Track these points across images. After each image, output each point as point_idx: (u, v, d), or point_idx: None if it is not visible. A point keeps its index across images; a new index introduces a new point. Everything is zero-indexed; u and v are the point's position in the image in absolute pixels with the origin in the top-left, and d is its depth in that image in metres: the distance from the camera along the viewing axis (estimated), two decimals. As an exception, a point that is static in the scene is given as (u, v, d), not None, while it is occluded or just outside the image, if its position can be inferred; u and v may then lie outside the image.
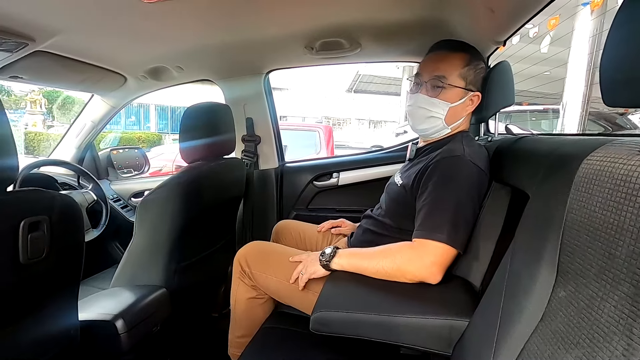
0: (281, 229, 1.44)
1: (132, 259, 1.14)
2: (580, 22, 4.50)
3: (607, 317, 0.40)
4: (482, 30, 1.09)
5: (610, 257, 0.41)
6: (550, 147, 0.68)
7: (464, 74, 0.98)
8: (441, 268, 0.84)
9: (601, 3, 3.97)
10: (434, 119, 1.00)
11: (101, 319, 0.91)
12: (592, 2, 4.16)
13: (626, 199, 0.40)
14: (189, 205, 1.13)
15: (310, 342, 0.95)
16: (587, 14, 4.39)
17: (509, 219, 0.83)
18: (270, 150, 1.74)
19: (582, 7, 4.31)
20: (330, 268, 0.94)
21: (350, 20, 1.14)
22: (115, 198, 1.88)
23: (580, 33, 4.55)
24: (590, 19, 4.37)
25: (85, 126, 1.80)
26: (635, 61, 0.41)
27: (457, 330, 0.72)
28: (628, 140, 0.48)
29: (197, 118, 1.21)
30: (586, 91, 4.40)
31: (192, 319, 1.43)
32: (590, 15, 4.38)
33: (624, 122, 4.92)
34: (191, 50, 1.36)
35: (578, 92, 4.52)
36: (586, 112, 4.43)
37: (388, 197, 1.09)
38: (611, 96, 0.44)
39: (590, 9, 4.27)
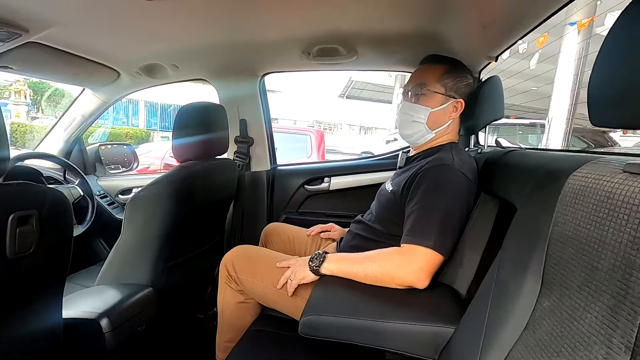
0: (270, 231, 1.44)
1: (119, 257, 1.12)
2: (567, 41, 4.65)
3: (588, 327, 0.42)
4: (474, 45, 1.12)
5: (593, 270, 0.43)
6: (538, 162, 0.71)
7: (443, 81, 1.04)
8: (428, 274, 0.86)
9: (587, 24, 4.12)
10: (416, 123, 1.06)
11: (86, 317, 0.90)
12: (579, 22, 4.31)
13: (609, 215, 0.42)
14: (180, 204, 1.12)
15: (296, 345, 0.95)
16: (574, 34, 4.54)
17: (496, 230, 0.86)
18: (263, 152, 1.74)
19: (570, 26, 4.46)
20: (320, 273, 0.95)
21: (349, 27, 1.16)
22: (102, 194, 1.85)
23: (567, 52, 4.71)
24: (577, 40, 4.53)
25: (75, 120, 1.76)
26: (623, 83, 0.42)
27: (442, 336, 0.73)
28: (612, 159, 0.50)
29: (191, 117, 1.20)
30: (571, 108, 4.54)
31: (177, 319, 1.41)
32: (577, 35, 4.53)
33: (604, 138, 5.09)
34: (188, 49, 1.36)
35: (563, 108, 4.66)
36: (571, 128, 4.57)
37: (378, 204, 1.10)
38: (598, 116, 0.46)
39: (577, 29, 4.42)
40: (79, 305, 0.96)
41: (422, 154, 1.08)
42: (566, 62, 4.72)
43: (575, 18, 4.30)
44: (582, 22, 4.13)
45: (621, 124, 0.43)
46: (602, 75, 0.45)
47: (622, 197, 0.41)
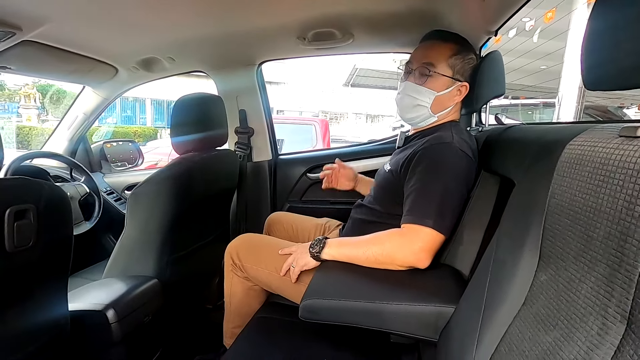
0: (274, 221, 1.44)
1: (123, 251, 1.14)
2: (576, 15, 4.50)
3: (584, 298, 0.41)
4: (473, 20, 1.08)
5: (588, 240, 0.42)
6: (536, 135, 0.69)
7: (452, 63, 0.99)
8: (429, 254, 0.85)
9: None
10: (420, 107, 1.01)
11: (92, 309, 0.92)
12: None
13: (604, 182, 0.40)
14: (181, 197, 1.12)
15: (301, 331, 0.96)
16: (583, 8, 4.38)
17: (498, 208, 0.84)
18: (264, 142, 1.74)
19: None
20: (321, 259, 0.95)
21: (343, 10, 1.13)
22: (108, 191, 1.87)
23: (576, 26, 4.55)
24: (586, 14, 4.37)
25: (77, 118, 1.78)
26: (614, 46, 0.41)
27: (444, 316, 0.73)
28: (609, 126, 0.48)
29: (188, 109, 1.20)
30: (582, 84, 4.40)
31: (185, 310, 1.44)
32: (586, 9, 4.37)
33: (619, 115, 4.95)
34: (182, 41, 1.35)
35: (574, 85, 4.53)
36: (582, 105, 4.44)
37: (377, 184, 1.09)
38: (592, 80, 0.44)
39: (587, 2, 4.26)
40: (85, 297, 0.98)
41: (421, 133, 1.06)
42: (576, 38, 4.58)
43: (583, -10, 4.15)
44: (592, -6, 3.98)
45: (614, 86, 0.41)
46: (594, 40, 0.44)
47: (617, 162, 0.39)
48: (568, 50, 4.65)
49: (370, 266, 0.89)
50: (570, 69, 4.57)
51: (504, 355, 0.51)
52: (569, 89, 4.55)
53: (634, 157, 0.37)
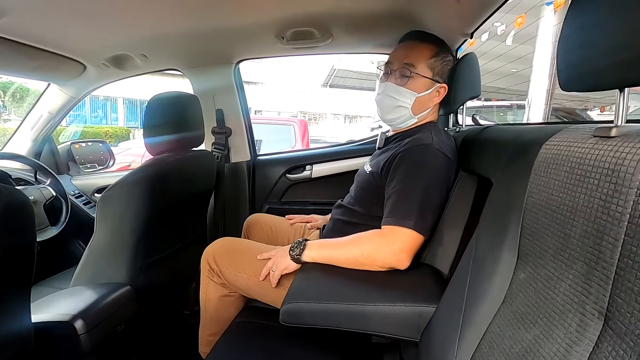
0: (252, 223, 1.41)
1: (93, 257, 1.08)
2: (544, 21, 4.70)
3: (563, 295, 0.41)
4: (449, 22, 1.10)
5: (566, 238, 0.43)
6: (512, 135, 0.70)
7: (432, 65, 1.00)
8: (409, 254, 0.86)
9: (563, 3, 4.15)
10: (401, 108, 1.02)
11: (58, 320, 0.86)
12: (555, 1, 4.34)
13: (580, 180, 0.41)
14: (155, 199, 1.08)
15: (282, 335, 0.94)
16: (550, 14, 4.58)
17: (476, 207, 0.85)
18: (242, 142, 1.70)
19: (546, 6, 4.49)
20: (301, 261, 0.93)
21: (322, 9, 1.13)
22: (76, 194, 1.78)
23: (544, 32, 4.76)
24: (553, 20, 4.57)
25: (42, 117, 1.68)
26: (588, 49, 0.42)
27: (425, 316, 0.73)
28: (583, 126, 0.50)
29: (162, 108, 1.15)
30: (550, 86, 4.61)
31: (161, 316, 1.38)
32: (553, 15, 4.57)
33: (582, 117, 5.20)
34: (156, 37, 1.30)
35: (542, 87, 4.73)
36: (550, 107, 4.64)
37: (357, 185, 1.09)
38: (567, 82, 0.45)
39: (554, 9, 4.45)
40: (51, 307, 0.92)
41: (401, 134, 1.06)
42: (544, 43, 4.78)
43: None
44: (558, 1, 4.16)
45: (588, 87, 0.42)
46: (568, 42, 0.45)
47: (592, 161, 0.40)
48: (537, 55, 4.86)
49: (351, 267, 0.89)
50: (539, 72, 4.77)
51: (485, 353, 0.52)
52: (537, 91, 4.75)
53: (608, 156, 0.38)
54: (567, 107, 5.50)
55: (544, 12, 4.66)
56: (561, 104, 5.05)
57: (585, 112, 5.55)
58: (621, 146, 0.37)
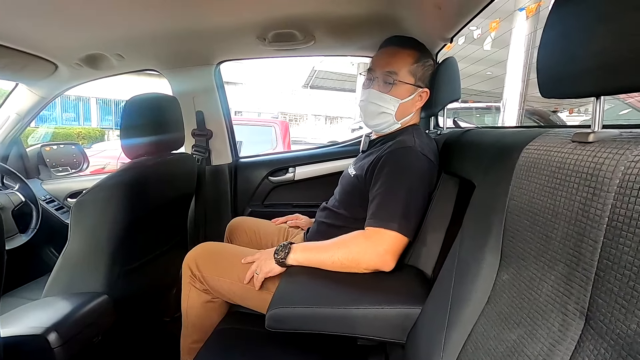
0: (235, 226, 1.39)
1: (67, 265, 1.03)
2: (517, 26, 4.87)
3: (545, 296, 0.43)
4: (430, 27, 1.12)
5: (547, 240, 0.44)
6: (493, 138, 0.72)
7: (414, 71, 1.01)
8: (394, 256, 0.86)
9: (535, 9, 4.32)
10: (385, 114, 1.03)
11: (30, 334, 0.81)
12: (527, 8, 4.51)
13: (561, 184, 0.43)
14: (133, 204, 1.04)
15: (266, 340, 0.93)
16: (523, 19, 4.75)
17: (458, 209, 0.87)
18: (223, 145, 1.67)
19: (519, 12, 4.66)
20: (286, 264, 0.93)
21: (304, 12, 1.12)
22: (48, 199, 1.70)
23: (517, 37, 4.93)
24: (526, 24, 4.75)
25: (9, 119, 1.59)
26: (567, 56, 0.43)
27: (410, 318, 0.74)
28: (561, 131, 0.51)
29: (140, 110, 1.12)
30: (523, 90, 4.78)
31: (140, 325, 1.34)
32: (525, 20, 4.75)
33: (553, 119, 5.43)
34: (133, 37, 1.25)
35: (516, 91, 4.90)
36: (523, 109, 4.82)
37: (342, 189, 1.09)
38: (547, 88, 0.46)
39: (526, 15, 4.62)
40: (23, 320, 0.87)
41: (384, 138, 1.07)
42: (517, 47, 4.95)
43: (524, 2, 4.50)
44: (530, 7, 4.32)
45: (566, 94, 0.44)
46: (548, 49, 0.47)
47: (572, 166, 0.41)
48: (510, 59, 5.03)
49: (335, 270, 0.89)
50: (513, 76, 4.95)
51: (470, 353, 0.52)
52: (512, 94, 4.92)
53: (587, 161, 0.39)
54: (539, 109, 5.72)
55: (517, 17, 4.83)
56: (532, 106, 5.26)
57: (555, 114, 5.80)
58: (599, 151, 0.38)
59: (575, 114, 7.61)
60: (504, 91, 5.05)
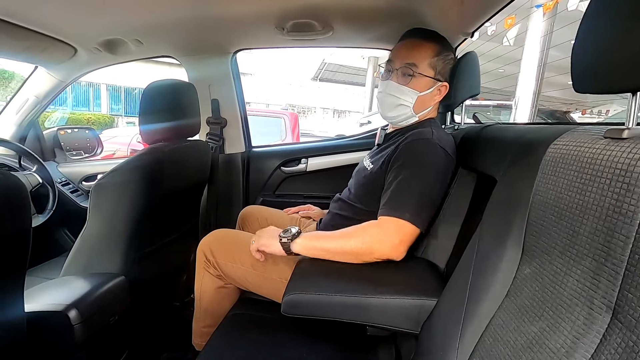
0: (247, 215, 1.40)
1: (85, 246, 1.06)
2: (533, 23, 4.79)
3: (570, 290, 0.43)
4: (451, 21, 1.11)
5: (574, 235, 0.44)
6: (516, 134, 0.72)
7: (434, 64, 1.00)
8: (406, 246, 0.86)
9: (552, 6, 4.24)
10: (402, 107, 1.02)
11: (52, 310, 0.84)
12: (544, 5, 4.43)
13: (591, 180, 0.42)
14: (150, 189, 1.06)
15: (278, 326, 0.94)
16: (539, 17, 4.67)
17: (474, 204, 0.87)
18: (237, 134, 1.68)
19: (536, 9, 4.57)
20: (290, 249, 0.90)
21: (323, 2, 1.11)
22: (63, 181, 1.73)
23: (532, 34, 4.85)
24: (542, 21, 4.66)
25: (28, 101, 1.62)
26: (602, 51, 0.43)
27: (425, 309, 0.74)
28: (591, 128, 0.51)
29: (158, 96, 1.13)
30: (536, 89, 4.71)
31: (153, 308, 1.37)
32: (542, 17, 4.66)
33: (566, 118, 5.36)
34: (152, 23, 1.26)
35: (529, 89, 4.83)
36: (536, 109, 4.76)
37: (357, 182, 1.09)
38: (581, 83, 0.46)
39: (543, 12, 4.54)
40: (44, 297, 0.89)
41: (400, 131, 1.07)
42: (532, 45, 4.87)
43: (540, 0, 4.41)
44: (548, 4, 4.24)
45: (601, 89, 0.44)
46: (584, 44, 0.46)
47: (604, 162, 0.41)
48: (525, 57, 4.96)
49: (343, 259, 0.88)
50: (527, 74, 4.88)
51: (488, 345, 0.53)
52: (524, 93, 4.85)
53: (621, 157, 0.39)
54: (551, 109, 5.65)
55: (533, 14, 4.75)
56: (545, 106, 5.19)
57: (568, 114, 5.72)
58: (634, 148, 0.38)
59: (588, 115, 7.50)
60: (517, 89, 4.98)
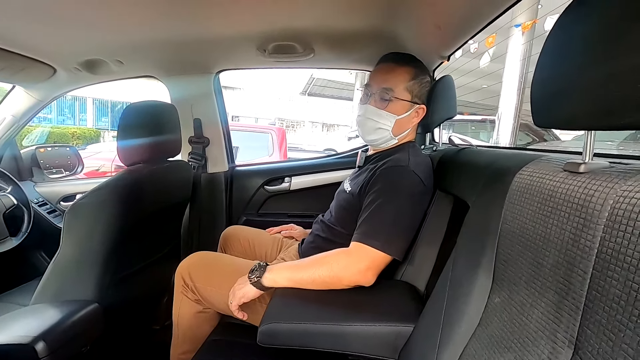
0: (229, 235, 1.38)
1: (58, 271, 1.02)
2: (513, 42, 4.96)
3: (536, 322, 0.43)
4: (428, 45, 1.14)
5: (539, 267, 0.45)
6: (488, 159, 0.73)
7: (410, 87, 1.01)
8: (375, 272, 0.86)
9: (530, 26, 4.40)
10: (381, 130, 1.03)
11: (18, 342, 0.80)
12: (523, 24, 4.60)
13: (552, 213, 0.43)
14: (128, 211, 1.04)
15: (257, 353, 0.92)
16: (519, 35, 4.84)
17: (452, 226, 0.88)
18: (220, 152, 1.67)
19: (515, 28, 4.74)
20: (262, 285, 0.89)
21: (304, 25, 1.13)
22: (40, 202, 1.69)
23: (513, 52, 5.02)
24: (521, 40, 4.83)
25: (5, 120, 1.58)
26: (559, 89, 0.43)
27: (403, 335, 0.74)
28: (554, 157, 0.52)
29: (137, 117, 1.12)
30: (518, 105, 4.84)
31: (130, 334, 1.32)
32: (521, 36, 4.83)
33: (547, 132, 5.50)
34: (133, 43, 1.26)
35: (511, 105, 4.97)
36: (518, 124, 4.88)
37: (337, 204, 1.09)
38: (541, 118, 0.47)
39: (522, 31, 4.71)
40: (10, 328, 0.85)
41: (380, 154, 1.08)
42: (513, 62, 5.03)
43: (519, 20, 4.58)
44: (526, 24, 4.41)
45: (562, 125, 0.44)
46: (543, 76, 0.46)
47: (563, 195, 0.42)
48: (506, 73, 5.11)
49: (315, 288, 0.87)
50: (508, 90, 5.02)
51: (461, 375, 0.53)
52: (507, 107, 4.99)
53: (577, 192, 0.40)
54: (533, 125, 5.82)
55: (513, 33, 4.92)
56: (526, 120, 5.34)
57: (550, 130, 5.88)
58: (589, 183, 0.39)
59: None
60: (500, 104, 5.12)
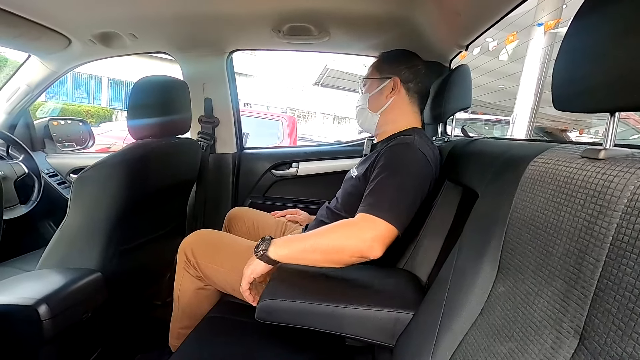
0: (234, 216, 1.39)
1: (64, 239, 1.04)
2: (534, 42, 4.83)
3: (540, 311, 0.42)
4: (446, 32, 1.11)
5: (547, 255, 0.43)
6: (501, 149, 0.71)
7: (379, 67, 1.09)
8: (382, 244, 0.79)
9: (554, 25, 4.28)
10: (361, 109, 1.11)
11: (21, 304, 0.82)
12: (545, 24, 4.47)
13: (566, 200, 0.42)
14: (133, 185, 1.04)
15: (255, 332, 0.92)
16: (540, 35, 4.71)
17: (458, 217, 0.86)
18: (229, 134, 1.67)
19: (537, 27, 4.62)
20: (268, 257, 0.85)
21: (320, 6, 1.11)
22: (51, 173, 1.71)
23: (533, 52, 4.89)
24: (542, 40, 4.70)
25: (19, 90, 1.60)
26: (584, 69, 0.42)
27: (401, 322, 0.73)
28: (571, 146, 0.50)
29: (148, 92, 1.11)
30: (534, 106, 4.74)
31: (130, 306, 1.34)
32: (543, 36, 4.70)
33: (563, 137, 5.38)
34: (147, 17, 1.25)
35: (527, 107, 4.86)
36: (533, 125, 4.78)
37: (344, 191, 1.08)
38: (561, 101, 0.45)
39: (544, 30, 4.58)
40: (15, 290, 0.87)
41: (385, 140, 1.06)
42: (532, 62, 4.91)
43: (542, 18, 4.46)
44: (549, 23, 4.29)
45: (580, 108, 0.43)
46: (564, 62, 0.45)
47: (579, 181, 0.40)
48: (524, 73, 4.99)
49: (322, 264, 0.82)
50: (525, 90, 4.91)
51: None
52: (522, 109, 4.88)
53: (595, 178, 0.38)
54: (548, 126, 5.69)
55: (535, 32, 4.79)
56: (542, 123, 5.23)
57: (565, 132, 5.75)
58: (609, 169, 0.37)
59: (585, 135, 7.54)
60: (515, 105, 5.01)
